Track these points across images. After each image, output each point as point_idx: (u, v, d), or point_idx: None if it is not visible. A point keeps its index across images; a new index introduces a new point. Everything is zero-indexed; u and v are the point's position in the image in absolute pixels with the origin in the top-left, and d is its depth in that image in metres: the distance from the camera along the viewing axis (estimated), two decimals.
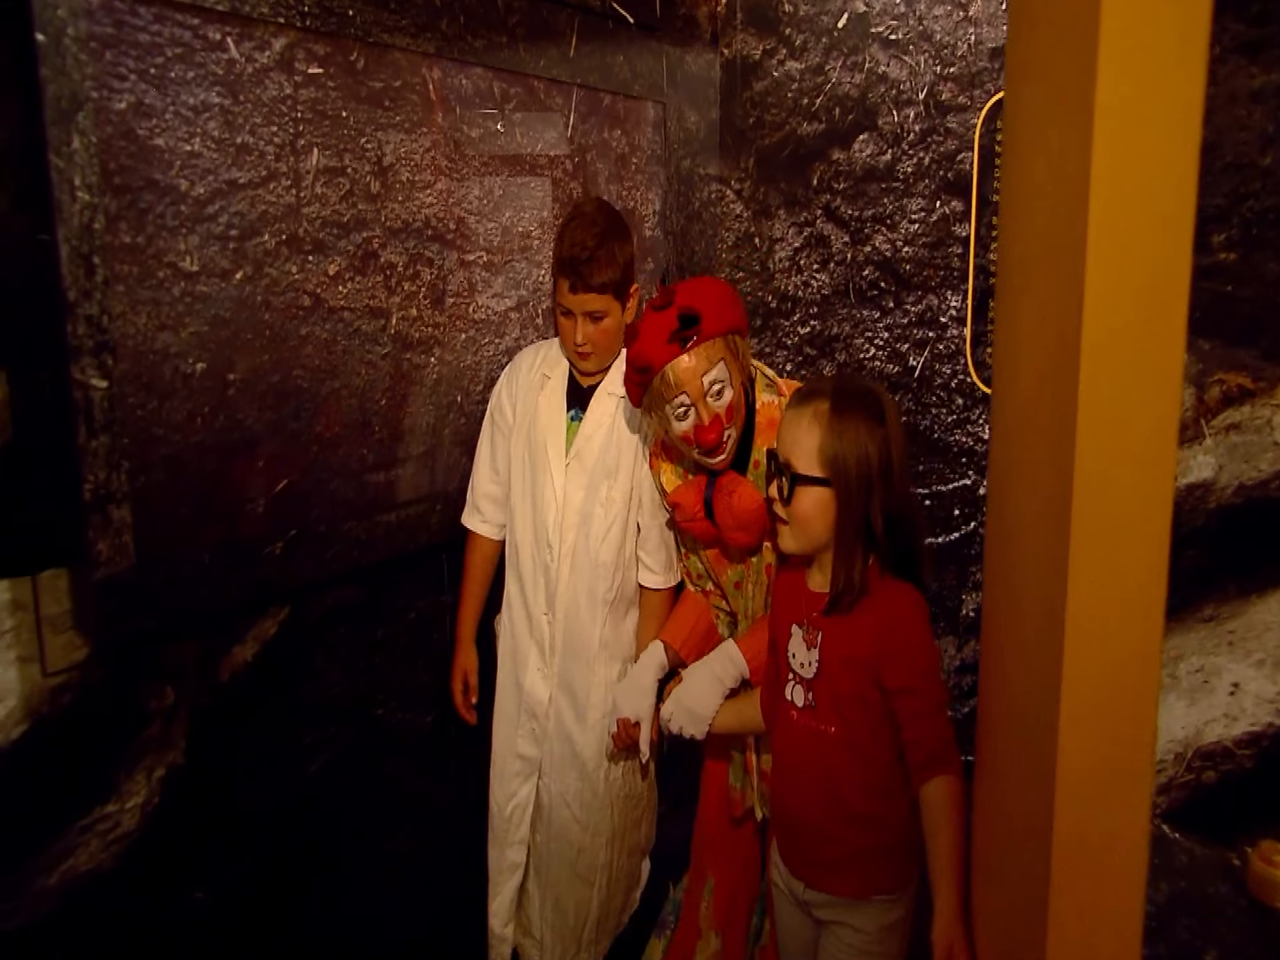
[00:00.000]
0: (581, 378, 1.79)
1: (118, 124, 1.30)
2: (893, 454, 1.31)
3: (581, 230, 1.66)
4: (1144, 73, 0.80)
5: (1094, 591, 0.92)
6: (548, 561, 1.75)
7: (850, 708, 1.35)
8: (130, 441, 1.34)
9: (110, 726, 1.41)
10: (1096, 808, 0.97)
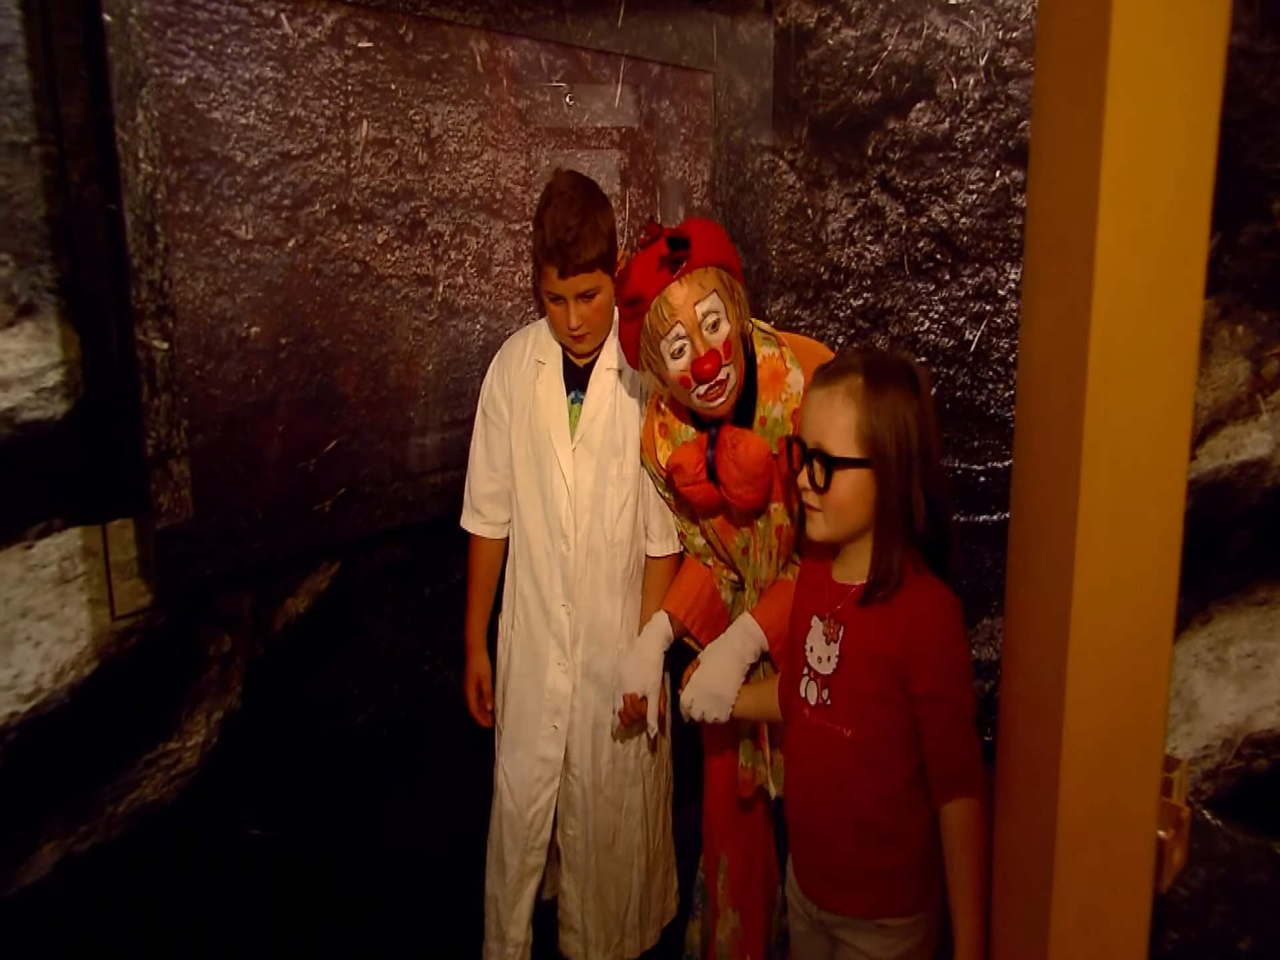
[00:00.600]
0: (577, 358, 1.74)
1: (178, 99, 1.37)
2: (929, 429, 1.23)
3: (562, 210, 1.58)
4: (1160, 24, 0.78)
5: (1101, 564, 0.91)
6: (563, 551, 1.70)
7: (870, 710, 1.26)
8: (189, 400, 1.42)
9: (172, 669, 1.51)
10: (1103, 784, 0.96)
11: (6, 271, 1.28)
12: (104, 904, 1.47)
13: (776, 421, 1.54)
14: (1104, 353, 0.85)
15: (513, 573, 1.79)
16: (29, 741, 1.36)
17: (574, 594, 1.72)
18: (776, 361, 1.55)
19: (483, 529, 1.79)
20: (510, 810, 1.76)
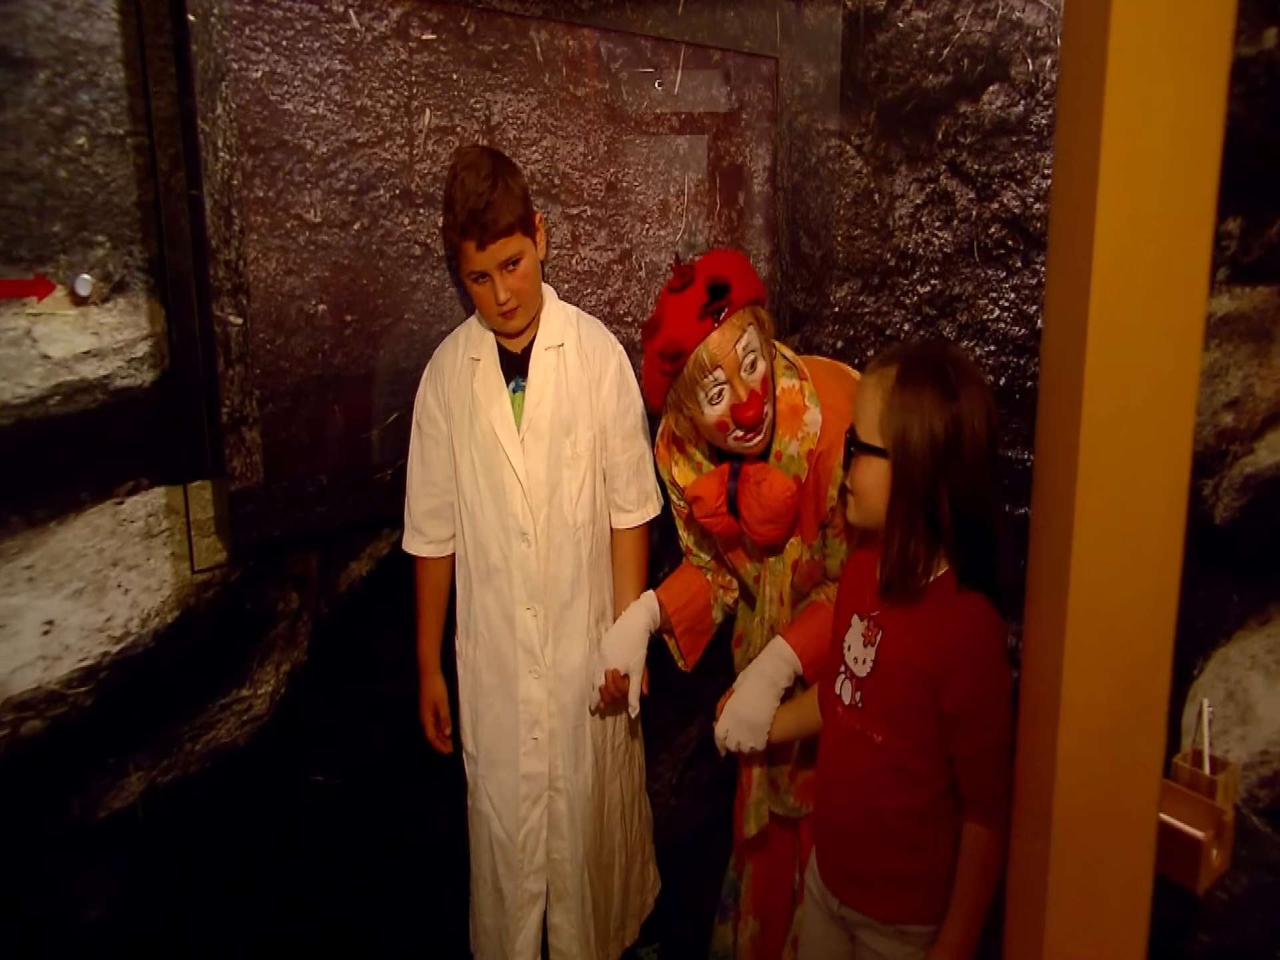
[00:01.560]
0: (511, 343, 1.65)
1: (253, 91, 1.48)
2: (964, 434, 1.17)
3: (470, 179, 1.51)
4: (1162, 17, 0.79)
5: (1100, 549, 0.90)
6: (524, 550, 1.62)
7: (900, 719, 1.25)
8: (260, 372, 1.54)
9: (245, 622, 1.63)
10: (1102, 768, 0.96)
11: (103, 251, 1.41)
12: (180, 834, 1.60)
13: (792, 459, 1.48)
14: (1102, 339, 0.86)
15: (466, 589, 1.70)
16: (119, 679, 1.50)
17: (539, 594, 1.64)
18: (796, 396, 1.49)
19: (426, 549, 1.70)
20: (500, 836, 1.69)
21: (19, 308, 1.35)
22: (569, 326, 1.68)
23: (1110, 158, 0.80)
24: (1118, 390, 0.85)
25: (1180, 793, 1.82)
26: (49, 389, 1.39)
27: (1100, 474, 0.88)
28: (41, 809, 1.45)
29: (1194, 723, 1.94)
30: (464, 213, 1.50)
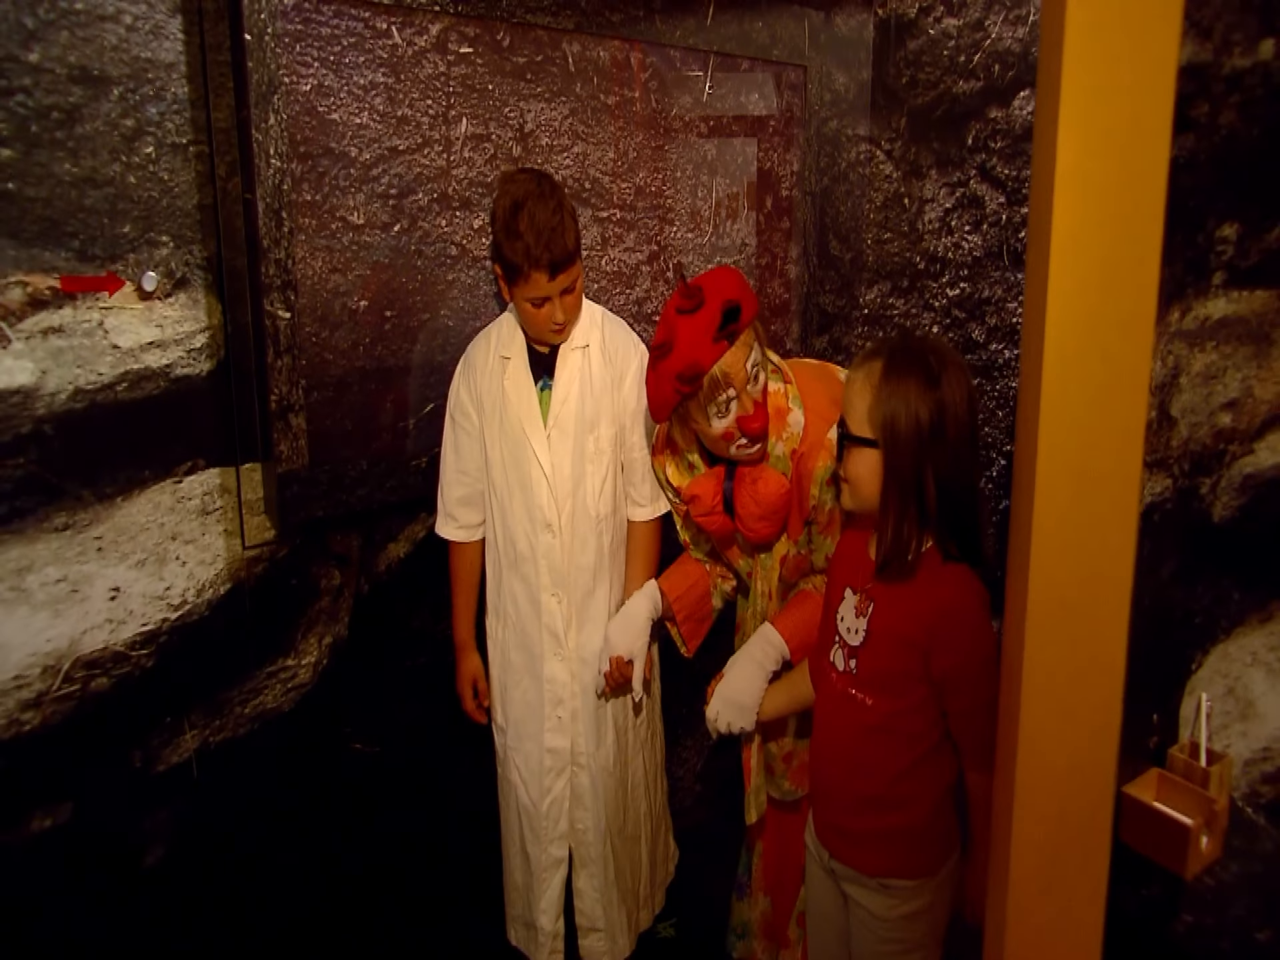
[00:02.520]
0: (541, 347, 1.72)
1: (303, 103, 1.60)
2: (948, 417, 1.24)
3: (541, 211, 1.55)
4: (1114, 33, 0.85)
5: (1056, 525, 0.96)
6: (549, 541, 1.70)
7: (892, 684, 1.32)
8: (306, 363, 1.66)
9: (291, 597, 1.75)
10: (1061, 739, 1.01)
11: (167, 251, 1.55)
12: (229, 790, 1.72)
13: (779, 459, 1.54)
14: (1059, 334, 0.92)
15: (496, 574, 1.79)
16: (176, 644, 1.62)
17: (563, 581, 1.72)
18: (781, 399, 1.54)
19: (458, 534, 1.79)
20: (526, 804, 1.79)
21: (93, 302, 1.49)
22: (594, 328, 1.75)
23: (1065, 170, 0.87)
24: (1074, 383, 0.92)
25: (1174, 782, 1.86)
26: (118, 376, 1.52)
27: (1058, 458, 0.94)
28: (107, 760, 1.58)
29: (1192, 715, 1.96)
30: (538, 245, 1.54)
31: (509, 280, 1.62)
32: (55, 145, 1.43)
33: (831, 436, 1.46)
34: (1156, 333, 2.21)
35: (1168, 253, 2.40)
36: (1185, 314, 1.96)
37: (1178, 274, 1.88)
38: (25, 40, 1.38)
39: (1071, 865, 1.03)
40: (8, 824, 1.49)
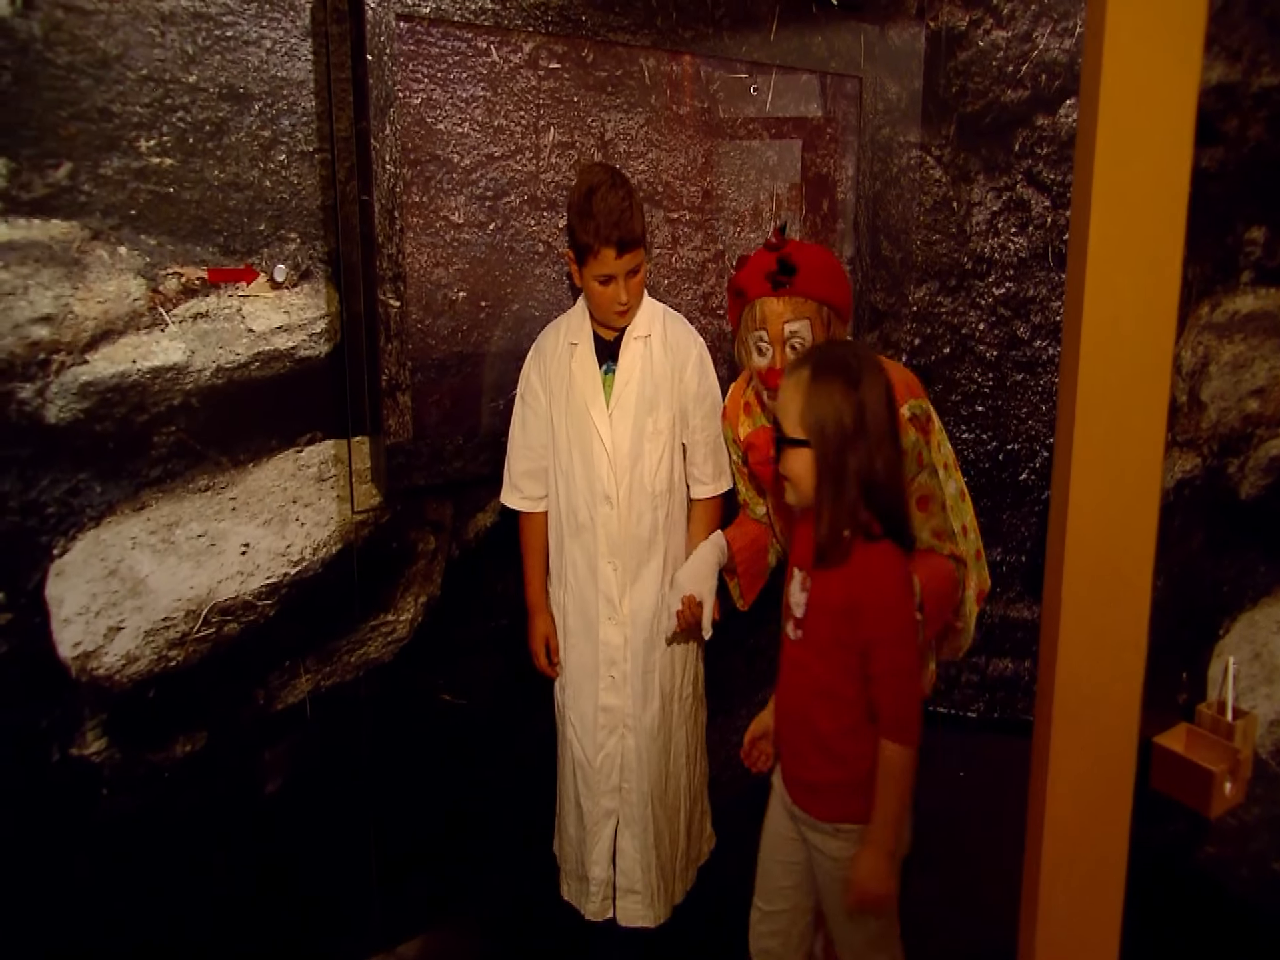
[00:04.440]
0: (605, 332, 1.88)
1: (414, 114, 1.79)
2: (867, 416, 1.38)
3: (610, 196, 1.73)
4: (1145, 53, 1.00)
5: (1090, 486, 1.09)
6: (607, 513, 1.85)
7: (828, 651, 1.46)
8: (412, 347, 1.85)
9: (392, 558, 1.94)
10: (1091, 677, 1.15)
11: (294, 246, 1.75)
12: (337, 729, 1.91)
13: None
14: (1093, 325, 1.06)
15: (559, 541, 1.94)
16: (295, 596, 1.82)
17: (619, 550, 1.87)
18: None
19: (522, 504, 1.95)
20: (581, 758, 1.93)
21: (233, 291, 1.69)
22: (655, 321, 1.90)
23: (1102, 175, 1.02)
24: (1106, 371, 1.06)
25: (1201, 735, 2.01)
26: (251, 356, 1.73)
27: (1092, 441, 1.08)
28: (235, 697, 1.78)
29: (1220, 677, 2.08)
30: (608, 224, 1.72)
31: (580, 260, 1.79)
32: (206, 154, 1.63)
33: (903, 411, 1.59)
34: (1188, 325, 2.34)
35: (1199, 253, 2.55)
36: (1215, 308, 2.08)
37: (1208, 272, 2.00)
38: (186, 64, 1.59)
39: (1100, 801, 1.17)
40: (157, 747, 1.70)
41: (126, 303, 1.59)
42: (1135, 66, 1.03)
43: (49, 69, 1.47)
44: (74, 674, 1.60)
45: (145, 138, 1.57)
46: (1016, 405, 2.87)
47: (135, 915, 1.73)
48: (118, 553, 1.62)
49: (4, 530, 1.51)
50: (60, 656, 1.58)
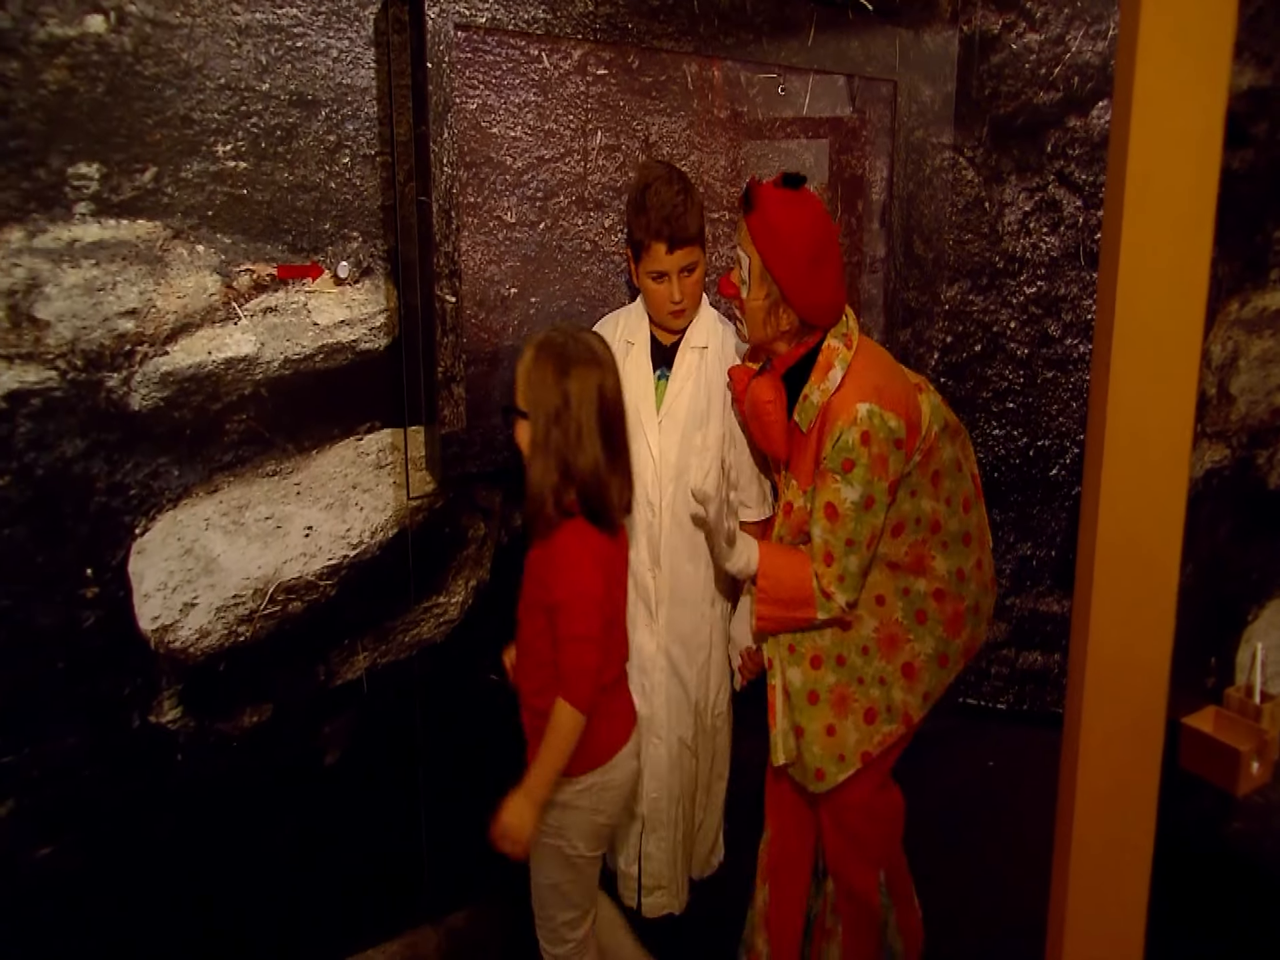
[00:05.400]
0: (665, 335, 1.87)
1: (469, 119, 1.88)
2: (572, 404, 1.48)
3: (666, 190, 1.73)
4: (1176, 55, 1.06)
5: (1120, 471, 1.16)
6: (649, 519, 1.84)
7: (531, 613, 1.58)
8: (466, 341, 1.94)
9: (445, 543, 2.03)
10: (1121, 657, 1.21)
11: (356, 244, 1.84)
12: (392, 704, 2.00)
13: (811, 405, 1.62)
14: (1125, 319, 1.13)
15: None
16: (354, 578, 1.92)
17: (660, 560, 1.86)
18: (831, 354, 1.63)
19: None
20: None
21: (300, 286, 1.79)
22: (714, 334, 1.89)
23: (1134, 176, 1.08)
24: (1136, 365, 1.12)
25: (1229, 717, 2.07)
26: (316, 348, 1.82)
27: (1122, 433, 1.14)
28: (297, 672, 1.87)
29: (1248, 662, 2.13)
30: (659, 218, 1.72)
31: (635, 255, 1.80)
32: (277, 158, 1.73)
33: (860, 408, 1.55)
34: (1218, 321, 2.38)
35: (1229, 251, 2.59)
36: (1244, 305, 2.12)
37: (1237, 270, 2.04)
38: (260, 73, 1.69)
39: (1129, 776, 1.23)
40: (226, 717, 1.80)
41: (203, 298, 1.69)
42: (1167, 71, 1.09)
43: (138, 80, 1.57)
44: (153, 646, 1.70)
45: (222, 143, 1.67)
46: (1047, 402, 2.92)
47: (201, 875, 1.83)
48: (193, 533, 1.72)
49: (92, 510, 1.61)
50: (140, 629, 1.69)
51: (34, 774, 1.60)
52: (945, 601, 1.72)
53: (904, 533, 1.68)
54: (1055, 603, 2.92)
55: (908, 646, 1.70)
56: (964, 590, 1.74)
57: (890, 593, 1.69)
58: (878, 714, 1.69)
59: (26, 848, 1.61)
